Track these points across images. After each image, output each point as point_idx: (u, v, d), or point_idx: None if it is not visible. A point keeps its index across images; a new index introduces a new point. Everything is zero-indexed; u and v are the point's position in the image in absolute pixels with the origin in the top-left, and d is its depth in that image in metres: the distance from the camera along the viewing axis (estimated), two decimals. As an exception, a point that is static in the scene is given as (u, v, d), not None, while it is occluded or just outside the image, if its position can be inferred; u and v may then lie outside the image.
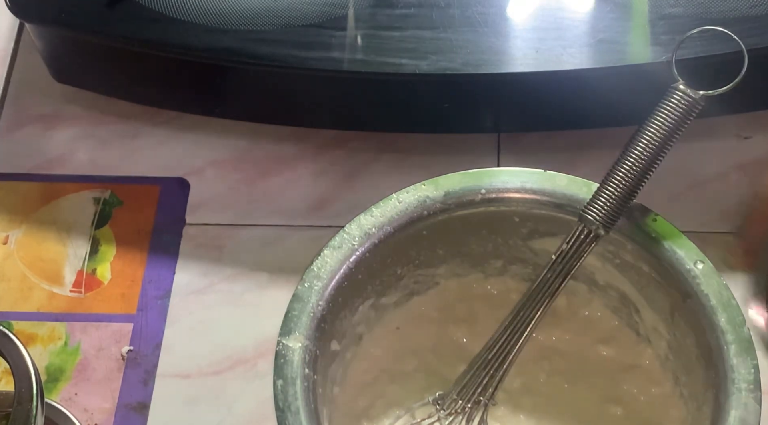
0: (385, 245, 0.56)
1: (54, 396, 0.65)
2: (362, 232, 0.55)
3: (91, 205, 0.73)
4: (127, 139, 0.76)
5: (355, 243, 0.55)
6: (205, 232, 0.72)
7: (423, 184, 0.56)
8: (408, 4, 0.67)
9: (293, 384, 0.51)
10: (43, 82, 0.76)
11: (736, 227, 0.68)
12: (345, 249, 0.55)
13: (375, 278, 0.57)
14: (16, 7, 0.70)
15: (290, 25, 0.66)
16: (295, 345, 0.52)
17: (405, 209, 0.56)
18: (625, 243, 0.55)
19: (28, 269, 0.71)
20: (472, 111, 0.69)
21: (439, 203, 0.56)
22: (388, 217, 0.56)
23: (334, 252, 0.55)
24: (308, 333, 0.52)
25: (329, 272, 0.54)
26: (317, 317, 0.53)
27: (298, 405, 0.50)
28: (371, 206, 0.56)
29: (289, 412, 0.50)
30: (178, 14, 0.67)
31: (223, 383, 0.66)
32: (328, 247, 0.55)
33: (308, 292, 0.53)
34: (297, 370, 0.51)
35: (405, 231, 0.56)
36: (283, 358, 0.52)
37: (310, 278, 0.54)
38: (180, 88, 0.73)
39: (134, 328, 0.68)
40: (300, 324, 0.53)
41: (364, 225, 0.55)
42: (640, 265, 0.55)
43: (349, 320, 0.57)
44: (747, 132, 0.73)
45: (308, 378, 0.51)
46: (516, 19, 0.66)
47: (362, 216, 0.56)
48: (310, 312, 0.53)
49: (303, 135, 0.74)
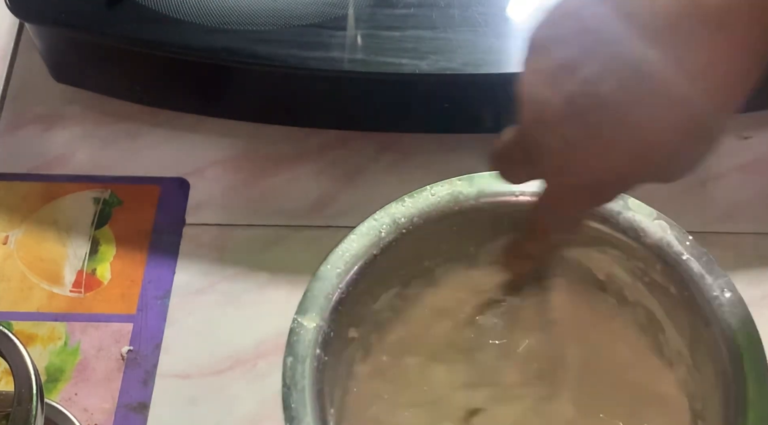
0: (412, 236, 0.55)
1: (54, 396, 0.65)
2: (391, 220, 0.55)
3: (91, 204, 0.73)
4: (127, 139, 0.76)
5: (383, 230, 0.55)
6: (205, 232, 0.72)
7: (458, 180, 0.56)
8: (408, 4, 0.67)
9: (303, 362, 0.51)
10: (43, 82, 0.76)
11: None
12: (371, 236, 0.55)
13: (400, 268, 0.57)
14: (16, 7, 0.70)
15: (290, 25, 0.66)
16: (310, 324, 0.52)
17: (437, 202, 0.56)
18: (655, 263, 0.54)
19: (28, 269, 0.71)
20: (472, 111, 0.69)
21: (471, 200, 0.56)
22: (419, 208, 0.55)
23: (361, 237, 0.55)
24: (324, 314, 0.52)
25: (353, 257, 0.54)
26: (335, 300, 0.53)
27: (305, 383, 0.50)
28: (403, 195, 0.56)
29: (294, 390, 0.50)
30: (178, 14, 0.67)
31: (223, 383, 0.66)
32: (354, 232, 0.55)
33: (330, 274, 0.53)
34: (308, 349, 0.51)
35: (435, 224, 0.56)
36: (296, 336, 0.52)
37: (333, 260, 0.54)
38: (180, 88, 0.73)
39: (134, 328, 0.68)
40: (317, 304, 0.53)
41: (393, 213, 0.55)
42: (668, 286, 0.54)
43: (369, 307, 0.57)
44: (747, 132, 0.73)
45: (319, 358, 0.51)
46: (516, 19, 0.66)
47: (393, 204, 0.55)
48: (329, 294, 0.53)
49: (303, 135, 0.74)
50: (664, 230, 0.54)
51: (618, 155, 0.43)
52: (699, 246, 0.54)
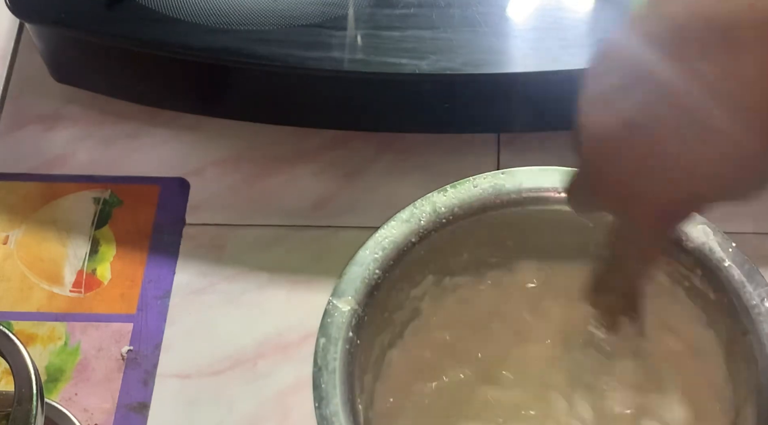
0: (452, 226, 0.55)
1: (54, 396, 0.65)
2: (432, 209, 0.55)
3: (91, 204, 0.73)
4: (127, 139, 0.76)
5: (423, 219, 0.55)
6: (205, 232, 0.72)
7: (501, 173, 0.56)
8: (408, 4, 0.67)
9: (335, 343, 0.51)
10: (43, 82, 0.76)
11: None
12: (412, 223, 0.54)
13: (439, 257, 0.57)
14: (16, 7, 0.70)
15: (290, 25, 0.66)
16: (345, 307, 0.52)
17: (479, 194, 0.55)
18: (695, 268, 0.54)
19: (28, 269, 0.71)
20: (472, 111, 0.69)
21: (513, 194, 0.56)
22: (461, 199, 0.55)
23: (402, 224, 0.54)
24: (359, 298, 0.52)
25: (392, 243, 0.54)
26: (371, 284, 0.53)
27: (335, 365, 0.50)
28: (446, 185, 0.56)
29: (326, 370, 0.50)
30: (178, 14, 0.67)
31: (223, 383, 0.66)
32: (395, 219, 0.55)
33: (368, 259, 0.53)
34: (341, 332, 0.51)
35: (475, 216, 0.55)
36: (330, 317, 0.52)
37: (372, 245, 0.54)
38: (180, 88, 0.73)
39: (134, 328, 0.68)
40: (353, 287, 0.53)
41: (435, 202, 0.55)
42: (708, 293, 0.54)
43: (406, 293, 0.56)
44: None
45: (351, 341, 0.51)
46: (516, 19, 0.66)
47: (435, 194, 0.55)
48: (365, 278, 0.53)
49: (303, 135, 0.74)
50: (707, 235, 0.54)
51: (681, 177, 0.42)
52: (742, 253, 0.53)
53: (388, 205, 0.57)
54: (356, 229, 0.57)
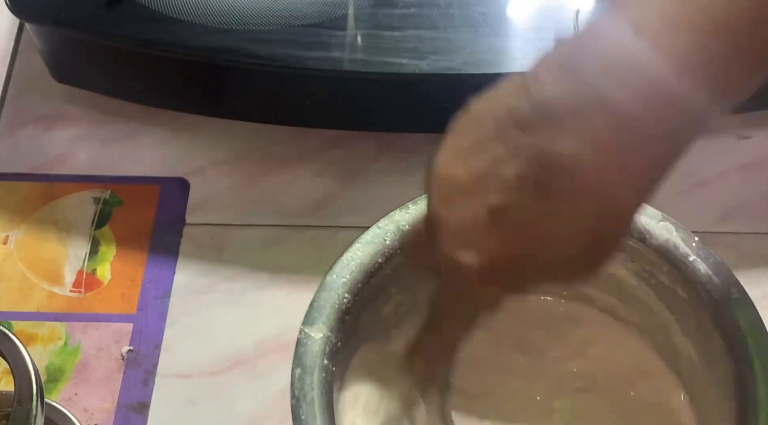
0: None
1: (54, 396, 0.65)
2: (395, 228, 0.55)
3: (91, 205, 0.73)
4: (127, 139, 0.76)
5: (387, 238, 0.54)
6: (205, 232, 0.72)
7: None
8: (408, 4, 0.67)
9: (311, 373, 0.50)
10: (43, 82, 0.76)
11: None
12: (376, 244, 0.54)
13: (406, 276, 0.56)
14: (16, 7, 0.70)
15: (290, 25, 0.66)
16: (317, 335, 0.51)
17: None
18: (662, 264, 0.54)
19: (28, 269, 0.71)
20: (472, 111, 0.69)
21: None
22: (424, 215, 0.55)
23: (366, 245, 0.54)
24: (331, 324, 0.52)
25: (358, 265, 0.54)
26: (341, 309, 0.53)
27: (313, 395, 0.50)
28: (407, 203, 0.55)
29: (304, 401, 0.50)
30: (178, 14, 0.67)
31: (223, 383, 0.66)
32: (359, 241, 0.54)
33: (335, 283, 0.53)
34: (316, 360, 0.51)
35: None
36: (303, 347, 0.51)
37: (339, 269, 0.53)
38: (180, 88, 0.73)
39: (134, 328, 0.68)
40: (324, 314, 0.52)
41: (398, 221, 0.55)
42: (675, 288, 0.54)
43: (376, 315, 0.56)
44: (747, 132, 0.73)
45: (327, 369, 0.51)
46: (516, 19, 0.66)
47: (397, 212, 0.55)
48: (335, 304, 0.52)
49: (303, 135, 0.74)
50: (669, 232, 0.54)
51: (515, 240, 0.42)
52: (706, 247, 0.53)
53: (388, 204, 0.57)
54: (356, 229, 0.57)
